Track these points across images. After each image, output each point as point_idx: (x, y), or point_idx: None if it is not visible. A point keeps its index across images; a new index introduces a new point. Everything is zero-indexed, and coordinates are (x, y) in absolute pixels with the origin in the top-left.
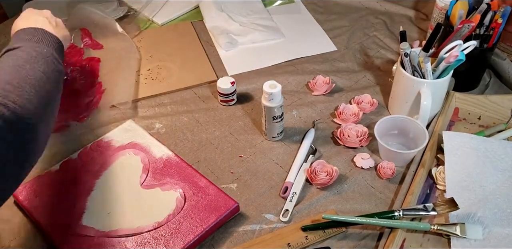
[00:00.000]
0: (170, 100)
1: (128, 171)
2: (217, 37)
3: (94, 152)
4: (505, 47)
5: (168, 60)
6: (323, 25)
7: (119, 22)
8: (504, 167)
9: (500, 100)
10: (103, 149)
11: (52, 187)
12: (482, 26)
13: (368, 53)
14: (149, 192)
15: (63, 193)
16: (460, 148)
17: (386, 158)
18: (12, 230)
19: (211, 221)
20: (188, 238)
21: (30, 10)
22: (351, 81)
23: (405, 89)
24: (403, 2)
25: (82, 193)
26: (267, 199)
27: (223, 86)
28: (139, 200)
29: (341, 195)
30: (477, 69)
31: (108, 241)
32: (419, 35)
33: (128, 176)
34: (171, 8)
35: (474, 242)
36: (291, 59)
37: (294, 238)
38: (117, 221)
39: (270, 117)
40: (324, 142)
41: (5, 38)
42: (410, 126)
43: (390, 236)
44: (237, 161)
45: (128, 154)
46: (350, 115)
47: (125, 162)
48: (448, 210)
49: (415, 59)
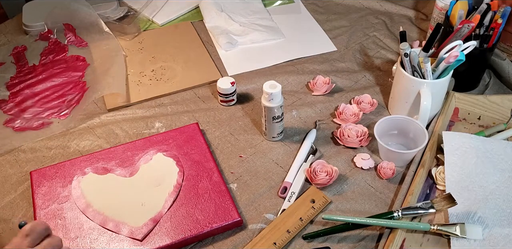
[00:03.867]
0: (171, 101)
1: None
2: (217, 37)
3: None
4: (505, 47)
5: (171, 60)
6: (323, 25)
7: (119, 22)
8: (504, 167)
9: (500, 100)
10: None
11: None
12: (482, 26)
13: (368, 53)
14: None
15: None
16: (460, 148)
17: (386, 158)
18: (12, 230)
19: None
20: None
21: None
22: (351, 81)
23: (405, 89)
24: (403, 2)
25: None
26: (267, 199)
27: (223, 86)
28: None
29: (341, 195)
30: (477, 69)
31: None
32: (419, 35)
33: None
34: (171, 8)
35: (474, 242)
36: (291, 59)
37: (290, 224)
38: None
39: (270, 117)
40: (324, 142)
41: (5, 38)
42: (410, 126)
43: (390, 236)
44: (237, 161)
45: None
46: (350, 115)
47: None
48: (446, 206)
49: (415, 59)
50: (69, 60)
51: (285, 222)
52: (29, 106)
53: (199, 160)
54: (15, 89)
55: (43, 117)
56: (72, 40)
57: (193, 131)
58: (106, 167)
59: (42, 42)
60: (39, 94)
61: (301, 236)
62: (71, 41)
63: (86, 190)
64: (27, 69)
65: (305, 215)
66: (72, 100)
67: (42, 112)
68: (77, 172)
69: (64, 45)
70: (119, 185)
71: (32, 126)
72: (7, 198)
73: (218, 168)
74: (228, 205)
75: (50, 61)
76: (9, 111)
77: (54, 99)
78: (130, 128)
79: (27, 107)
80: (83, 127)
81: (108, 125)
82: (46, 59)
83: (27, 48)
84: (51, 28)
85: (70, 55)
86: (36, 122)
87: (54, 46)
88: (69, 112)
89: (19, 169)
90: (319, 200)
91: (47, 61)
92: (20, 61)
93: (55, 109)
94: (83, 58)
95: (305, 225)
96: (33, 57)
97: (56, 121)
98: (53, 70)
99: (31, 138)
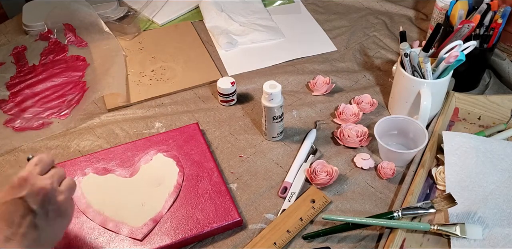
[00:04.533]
0: (171, 101)
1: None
2: (217, 37)
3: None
4: (505, 47)
5: (171, 60)
6: (323, 25)
7: (119, 22)
8: (504, 167)
9: (500, 100)
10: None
11: None
12: (482, 26)
13: (368, 53)
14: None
15: None
16: (460, 148)
17: (386, 158)
18: None
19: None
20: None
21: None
22: (351, 81)
23: (405, 89)
24: (403, 2)
25: None
26: (267, 199)
27: (223, 86)
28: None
29: (341, 195)
30: (477, 69)
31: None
32: (419, 35)
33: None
34: (171, 8)
35: (474, 242)
36: (291, 59)
37: (290, 224)
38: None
39: (270, 117)
40: (324, 142)
41: (5, 38)
42: (410, 126)
43: (390, 236)
44: (237, 161)
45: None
46: (350, 115)
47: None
48: (446, 206)
49: (415, 59)
50: (69, 60)
51: (285, 222)
52: (29, 106)
53: (199, 160)
54: (15, 89)
55: (43, 117)
56: (72, 40)
57: (193, 131)
58: (106, 167)
59: (42, 42)
60: (39, 94)
61: (301, 236)
62: (71, 41)
63: (86, 190)
64: (27, 69)
65: (305, 215)
66: (72, 100)
67: (42, 112)
68: (77, 172)
69: (64, 45)
70: (119, 185)
71: (32, 126)
72: None
73: (218, 168)
74: (228, 205)
75: (50, 61)
76: (9, 111)
77: (54, 99)
78: (130, 128)
79: (27, 107)
80: (83, 127)
81: (108, 125)
82: (46, 59)
83: (27, 48)
84: (51, 28)
85: (70, 55)
86: (36, 122)
87: (54, 46)
88: (69, 112)
89: (19, 169)
90: (319, 200)
91: (47, 61)
92: (20, 61)
93: (55, 109)
94: (83, 58)
95: (305, 225)
96: (33, 57)
97: (56, 121)
98: (53, 70)
99: (31, 138)
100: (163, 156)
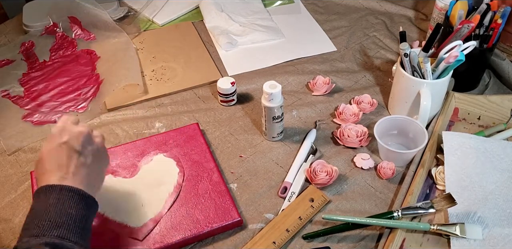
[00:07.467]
0: (171, 101)
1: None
2: (217, 37)
3: None
4: (505, 48)
5: (172, 60)
6: (323, 25)
7: (119, 23)
8: (503, 167)
9: (499, 100)
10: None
11: None
12: (481, 27)
13: (368, 54)
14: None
15: None
16: (460, 148)
17: (386, 158)
18: (12, 230)
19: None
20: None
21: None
22: (351, 81)
23: (405, 89)
24: (403, 2)
25: None
26: (267, 199)
27: (223, 86)
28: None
29: (341, 195)
30: (476, 69)
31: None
32: (419, 35)
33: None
34: (171, 8)
35: (474, 242)
36: (291, 59)
37: (289, 223)
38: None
39: (270, 117)
40: (324, 142)
41: (5, 38)
42: (409, 126)
43: (390, 236)
44: (237, 161)
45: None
46: (350, 115)
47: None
48: (446, 206)
49: (415, 59)
50: (80, 54)
51: (284, 221)
52: (45, 101)
53: (199, 160)
54: (28, 84)
55: (61, 110)
56: (79, 33)
57: (193, 131)
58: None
59: (49, 37)
60: (53, 89)
61: (301, 236)
62: (78, 35)
63: None
64: (38, 65)
65: (304, 214)
66: (88, 93)
67: (59, 106)
68: None
69: (72, 40)
70: (120, 185)
71: (51, 120)
72: (8, 198)
73: (218, 168)
74: (228, 205)
75: (60, 56)
76: (25, 106)
77: (69, 92)
78: (130, 128)
79: (43, 102)
80: None
81: (108, 125)
82: (56, 55)
83: (35, 44)
84: (56, 22)
85: (80, 50)
86: (55, 115)
87: (62, 40)
88: (86, 105)
89: (20, 169)
90: (318, 199)
91: (57, 57)
92: (30, 58)
93: (72, 103)
94: (93, 51)
95: (305, 224)
96: (42, 54)
97: (74, 114)
98: (64, 65)
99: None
100: (163, 156)
